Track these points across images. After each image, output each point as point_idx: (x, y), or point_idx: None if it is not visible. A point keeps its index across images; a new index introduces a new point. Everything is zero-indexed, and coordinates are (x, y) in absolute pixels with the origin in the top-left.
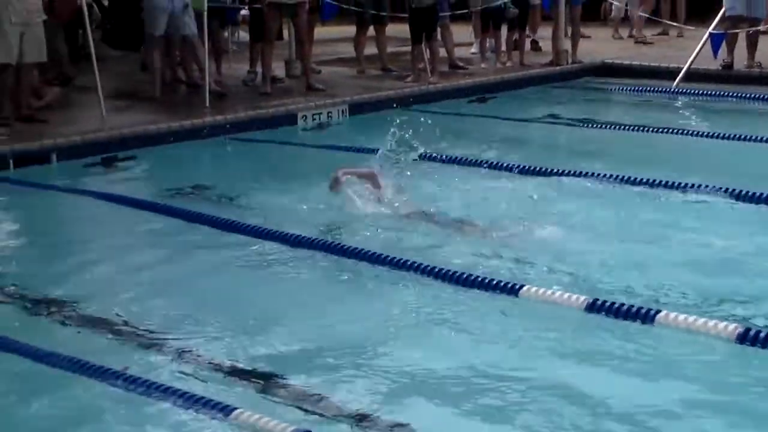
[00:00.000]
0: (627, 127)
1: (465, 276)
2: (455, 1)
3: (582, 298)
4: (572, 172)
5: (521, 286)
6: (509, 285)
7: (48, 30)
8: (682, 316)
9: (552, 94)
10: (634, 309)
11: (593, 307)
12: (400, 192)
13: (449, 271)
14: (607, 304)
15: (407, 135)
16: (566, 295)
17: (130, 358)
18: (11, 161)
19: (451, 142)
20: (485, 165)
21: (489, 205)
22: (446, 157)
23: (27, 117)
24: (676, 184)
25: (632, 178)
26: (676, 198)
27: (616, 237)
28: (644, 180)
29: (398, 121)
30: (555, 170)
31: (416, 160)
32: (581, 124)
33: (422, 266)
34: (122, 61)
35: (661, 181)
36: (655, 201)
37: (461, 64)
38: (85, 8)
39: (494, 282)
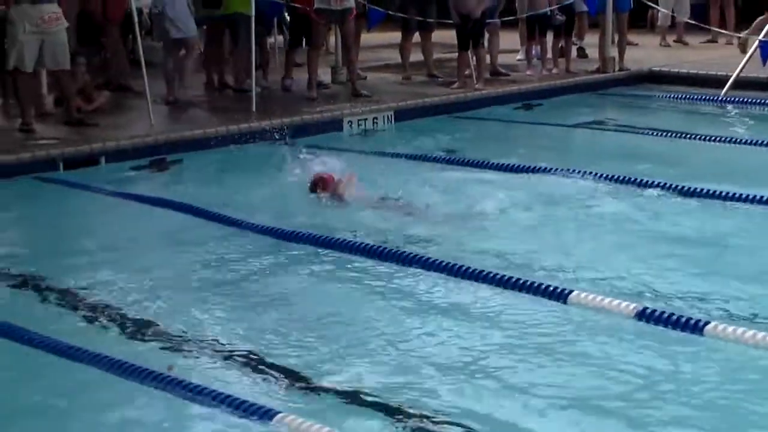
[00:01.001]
0: (673, 135)
1: (514, 280)
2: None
3: (632, 305)
4: (617, 178)
5: (570, 292)
6: (558, 290)
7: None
8: (731, 328)
9: (598, 102)
10: (684, 319)
11: (642, 316)
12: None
13: (499, 275)
14: (657, 313)
15: (452, 141)
16: (615, 302)
17: (175, 360)
18: (61, 163)
19: (495, 149)
20: (528, 170)
21: (532, 210)
22: (489, 162)
23: (77, 121)
24: (723, 193)
25: (679, 187)
26: (723, 207)
27: (660, 245)
28: (691, 189)
29: (443, 127)
30: (601, 175)
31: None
32: (627, 132)
33: (477, 272)
34: None
35: (708, 191)
36: (703, 210)
37: (503, 70)
38: (135, 13)
39: (543, 287)
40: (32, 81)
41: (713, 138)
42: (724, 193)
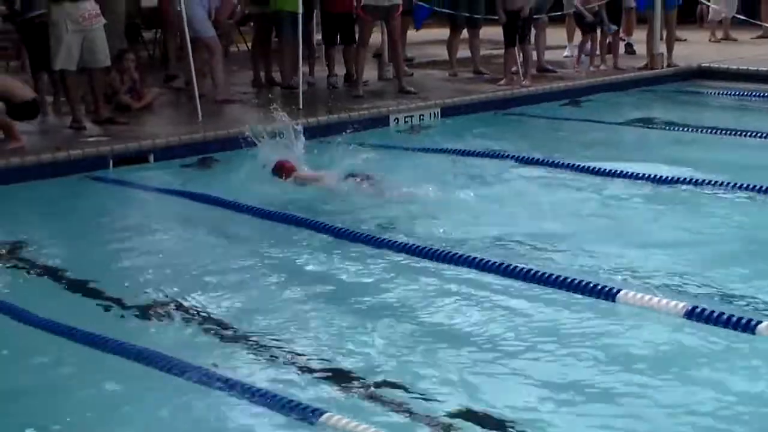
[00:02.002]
0: (723, 132)
1: (562, 279)
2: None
3: (681, 304)
4: (665, 177)
5: (618, 291)
6: (606, 289)
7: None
8: None
9: (646, 99)
10: (735, 318)
11: (692, 314)
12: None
13: (547, 274)
14: (707, 312)
15: (498, 138)
16: (665, 301)
17: (221, 357)
18: (111, 161)
19: (541, 146)
20: (574, 168)
21: (579, 209)
22: (536, 159)
23: (106, 120)
24: None
25: (730, 183)
26: None
27: (710, 243)
28: (742, 185)
29: (490, 124)
30: (648, 175)
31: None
32: (676, 129)
33: (523, 270)
34: None
35: (759, 187)
36: (754, 206)
37: (550, 67)
38: (184, 14)
39: (591, 285)
40: (80, 79)
41: (764, 134)
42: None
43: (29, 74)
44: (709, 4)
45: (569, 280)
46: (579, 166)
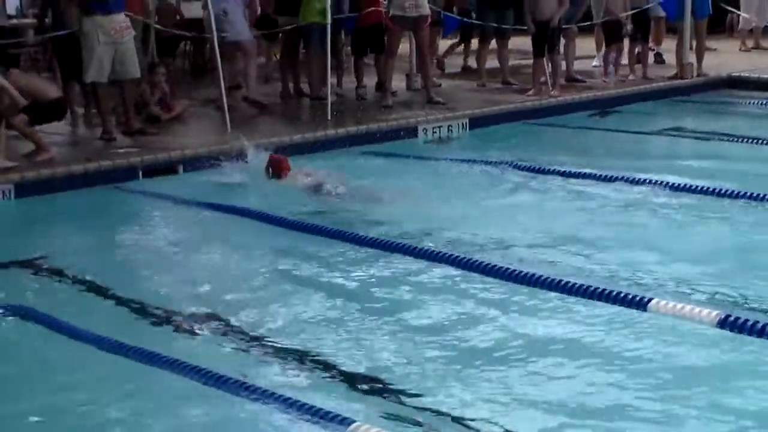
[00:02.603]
0: (754, 141)
1: (593, 289)
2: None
3: (714, 313)
4: (697, 187)
5: (650, 300)
6: (637, 298)
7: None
8: None
9: (676, 108)
10: None
11: (726, 323)
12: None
13: (577, 284)
14: (741, 320)
15: (527, 148)
16: (697, 310)
17: (248, 367)
18: (140, 172)
19: (571, 156)
20: (603, 178)
21: (608, 219)
22: (565, 170)
23: (137, 131)
24: None
25: (760, 195)
26: None
27: (741, 253)
28: None
29: (519, 134)
30: (678, 184)
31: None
32: (706, 139)
33: (557, 281)
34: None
35: None
36: None
37: (579, 77)
38: (213, 24)
39: (622, 295)
40: (110, 90)
41: None
42: None
43: (60, 85)
44: (739, 13)
45: (600, 289)
46: (608, 176)
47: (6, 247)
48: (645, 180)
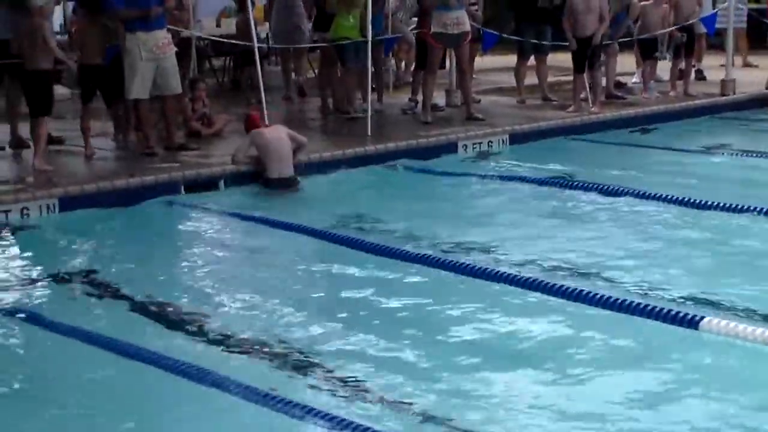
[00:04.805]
0: None
1: (643, 306)
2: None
3: None
4: (741, 207)
5: (701, 318)
6: (689, 317)
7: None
8: None
9: (718, 126)
10: None
11: None
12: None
13: (627, 301)
14: None
15: (567, 165)
16: (750, 329)
17: (280, 380)
18: (182, 187)
19: (611, 172)
20: (643, 196)
21: (649, 236)
22: (606, 186)
23: (179, 146)
24: None
25: None
26: None
27: None
28: None
29: (559, 150)
30: (721, 204)
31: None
32: (748, 156)
33: (605, 298)
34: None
35: None
36: None
37: (619, 93)
38: (255, 41)
39: (673, 313)
40: (152, 106)
41: None
42: None
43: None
44: None
45: (650, 307)
46: (649, 193)
47: (50, 260)
48: (685, 198)
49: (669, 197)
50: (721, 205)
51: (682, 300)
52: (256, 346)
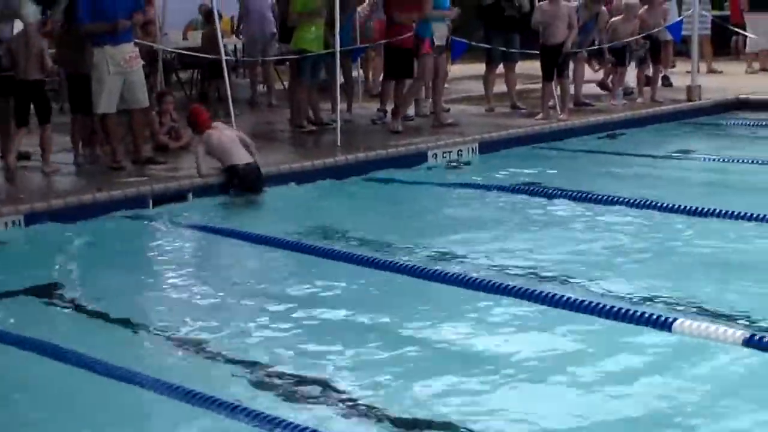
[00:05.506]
0: (762, 163)
1: (616, 310)
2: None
3: (739, 332)
4: (708, 210)
5: (674, 320)
6: (662, 319)
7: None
8: None
9: (684, 131)
10: None
11: (751, 342)
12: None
13: (600, 305)
14: (766, 339)
15: (537, 172)
16: (722, 330)
17: (245, 391)
18: (150, 200)
19: (580, 179)
20: (614, 201)
21: (620, 242)
22: (574, 193)
23: (147, 160)
24: None
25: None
26: None
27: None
28: None
29: (528, 158)
30: (685, 208)
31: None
32: (714, 161)
33: (579, 301)
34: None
35: None
36: None
37: (587, 101)
38: (222, 53)
39: (646, 315)
40: (119, 120)
41: None
42: None
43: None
44: (746, 34)
45: (624, 310)
46: (619, 199)
47: (16, 276)
48: (654, 202)
49: (637, 202)
50: (689, 209)
51: (653, 302)
52: (222, 358)
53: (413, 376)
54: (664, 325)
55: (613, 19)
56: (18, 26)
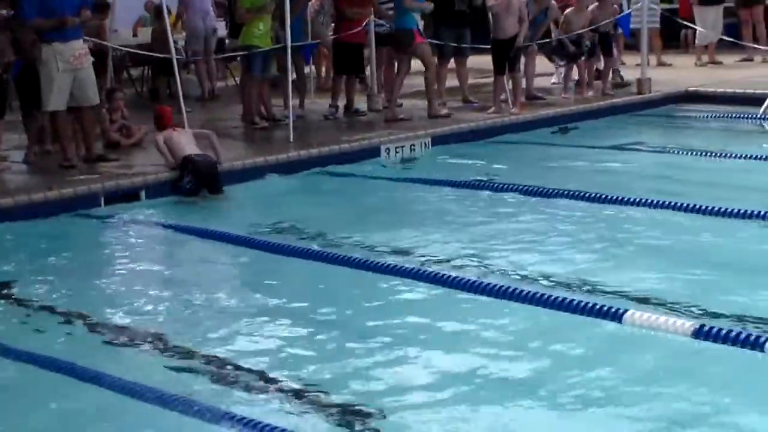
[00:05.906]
0: (712, 155)
1: (567, 301)
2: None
3: (688, 323)
4: (659, 202)
5: (625, 311)
6: (613, 310)
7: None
8: None
9: (635, 123)
10: (743, 335)
11: (700, 333)
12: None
13: (551, 296)
14: (715, 330)
15: (490, 166)
16: (671, 321)
17: (205, 388)
18: (102, 198)
19: (532, 173)
20: (564, 194)
21: (574, 235)
22: (527, 187)
23: (97, 158)
24: (764, 213)
25: (716, 208)
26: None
27: (701, 265)
28: (731, 210)
29: (481, 152)
30: (637, 200)
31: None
32: (664, 153)
33: (531, 294)
34: (206, 100)
35: (750, 212)
36: (743, 230)
37: (539, 94)
38: (173, 50)
39: (597, 307)
40: (69, 117)
41: (753, 156)
42: (764, 213)
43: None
44: (695, 27)
45: (576, 302)
46: (571, 192)
47: None
48: (606, 195)
49: (588, 195)
50: (640, 200)
51: (604, 294)
52: (181, 356)
53: (362, 367)
54: (615, 316)
55: (566, 11)
56: None
